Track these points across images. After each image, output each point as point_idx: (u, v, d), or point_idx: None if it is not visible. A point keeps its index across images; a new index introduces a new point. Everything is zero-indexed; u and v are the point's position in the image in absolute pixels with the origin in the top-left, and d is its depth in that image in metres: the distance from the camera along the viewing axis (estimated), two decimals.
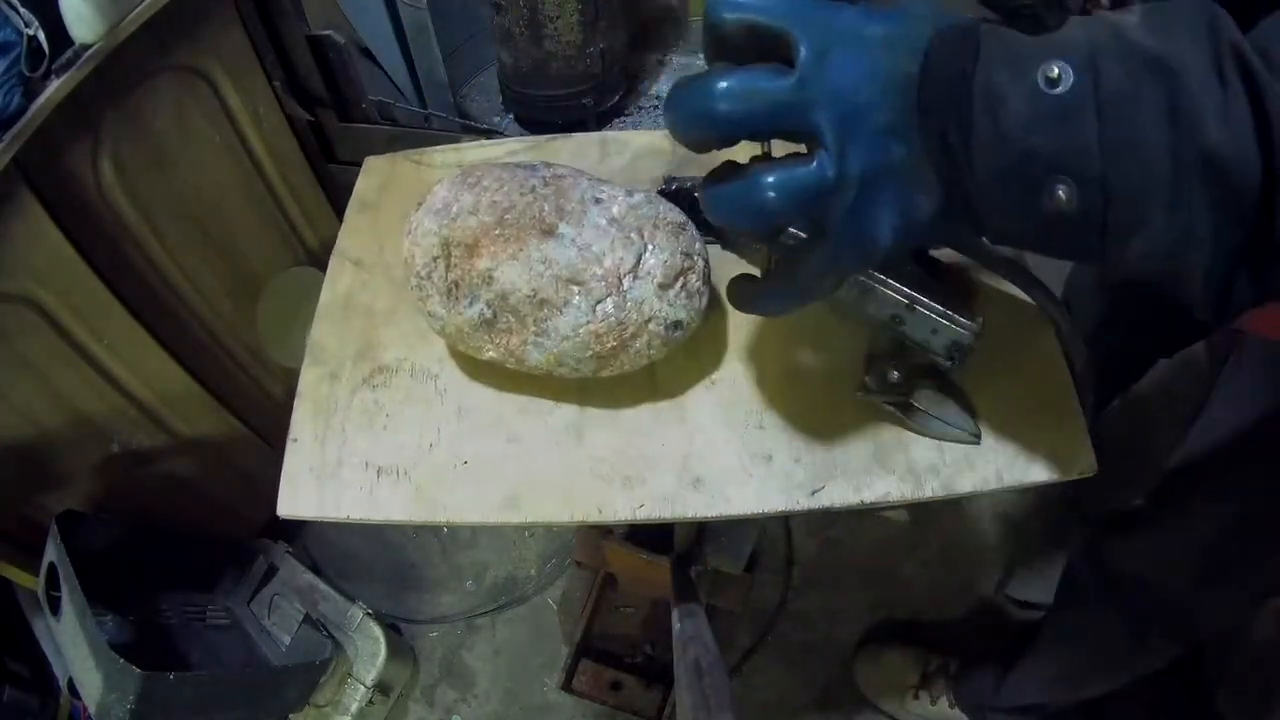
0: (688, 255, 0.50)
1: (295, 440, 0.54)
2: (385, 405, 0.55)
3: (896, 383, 0.51)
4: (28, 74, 0.79)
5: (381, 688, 1.23)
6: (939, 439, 0.51)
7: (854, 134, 0.31)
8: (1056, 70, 0.29)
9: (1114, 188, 0.28)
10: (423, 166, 0.68)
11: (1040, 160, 0.29)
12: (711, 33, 0.34)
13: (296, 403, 0.56)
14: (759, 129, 0.32)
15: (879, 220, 0.33)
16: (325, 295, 0.61)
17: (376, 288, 0.61)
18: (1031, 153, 0.29)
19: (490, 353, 0.51)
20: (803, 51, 0.31)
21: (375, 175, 0.68)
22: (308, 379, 0.57)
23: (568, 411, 0.54)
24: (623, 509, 0.50)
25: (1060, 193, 0.29)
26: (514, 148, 0.68)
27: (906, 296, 0.46)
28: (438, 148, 0.69)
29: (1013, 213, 0.31)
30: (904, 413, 0.51)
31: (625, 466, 0.51)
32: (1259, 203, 0.27)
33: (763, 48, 0.32)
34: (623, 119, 1.90)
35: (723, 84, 0.32)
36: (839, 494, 0.50)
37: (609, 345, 0.49)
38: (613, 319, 0.48)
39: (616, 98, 1.86)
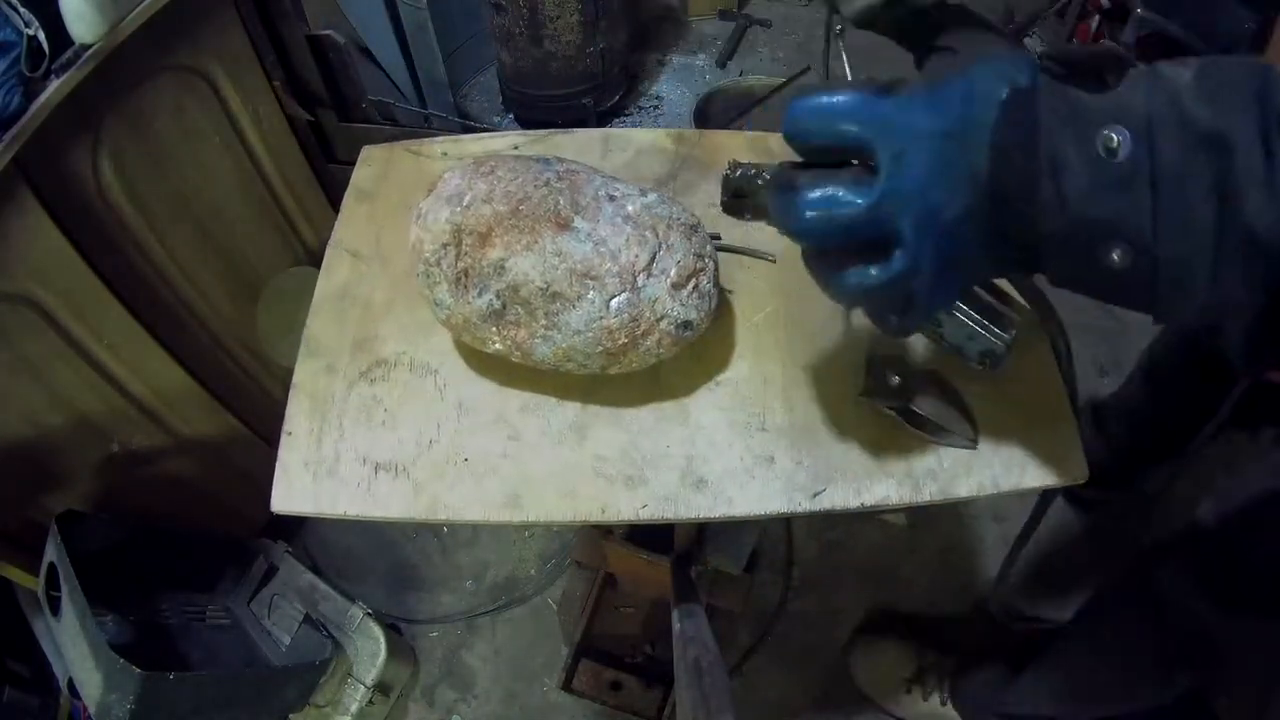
0: (700, 256, 0.50)
1: (290, 434, 0.53)
2: (384, 400, 0.54)
3: (897, 387, 0.51)
4: (28, 74, 0.78)
5: (381, 688, 1.23)
6: (938, 443, 0.51)
7: (929, 231, 0.34)
8: (1116, 139, 0.30)
9: (1163, 256, 0.30)
10: (421, 157, 0.67)
11: (1100, 225, 0.31)
12: (792, 143, 0.36)
13: (291, 395, 0.55)
14: (844, 240, 0.35)
15: (950, 288, 0.38)
16: (321, 286, 0.60)
17: (374, 279, 0.60)
18: (1092, 218, 0.31)
19: (496, 345, 0.50)
20: (881, 161, 0.33)
21: (373, 166, 0.67)
22: (303, 371, 0.56)
23: (570, 410, 0.54)
24: (625, 509, 0.50)
25: (1115, 255, 0.31)
26: (516, 141, 0.68)
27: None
28: (436, 139, 0.69)
29: (1072, 267, 0.33)
30: (904, 417, 0.51)
31: (628, 466, 0.51)
32: None
33: (839, 150, 0.35)
34: (623, 119, 1.90)
35: (811, 195, 0.35)
36: (839, 497, 0.50)
37: (620, 342, 0.48)
38: (625, 316, 0.48)
39: (616, 97, 1.87)
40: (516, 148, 0.67)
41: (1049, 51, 0.38)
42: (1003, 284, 0.48)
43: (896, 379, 0.51)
